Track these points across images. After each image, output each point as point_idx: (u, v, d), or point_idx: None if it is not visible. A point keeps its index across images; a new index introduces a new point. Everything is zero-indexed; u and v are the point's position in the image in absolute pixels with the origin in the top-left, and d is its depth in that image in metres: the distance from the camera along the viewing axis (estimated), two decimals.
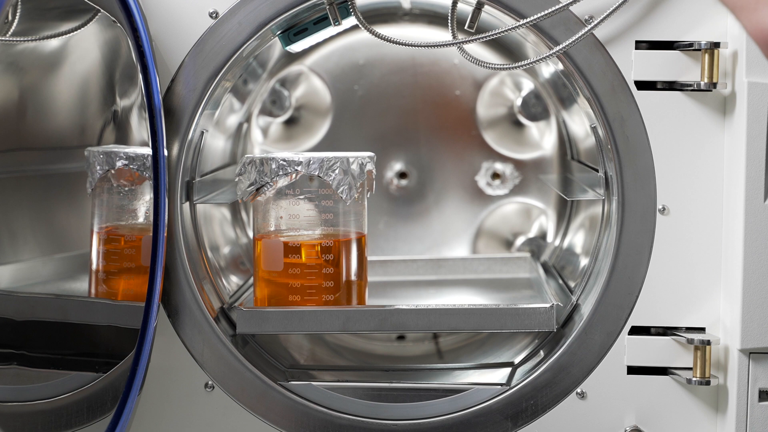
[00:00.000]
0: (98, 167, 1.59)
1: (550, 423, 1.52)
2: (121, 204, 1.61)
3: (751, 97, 1.42)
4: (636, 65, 1.48)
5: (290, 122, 2.05)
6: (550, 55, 1.46)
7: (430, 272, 1.91)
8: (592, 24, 1.44)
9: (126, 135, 1.80)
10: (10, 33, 1.49)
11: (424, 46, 1.51)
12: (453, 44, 1.50)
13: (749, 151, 1.43)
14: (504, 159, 2.04)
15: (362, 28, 1.53)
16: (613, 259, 1.49)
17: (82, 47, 1.59)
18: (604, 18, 1.43)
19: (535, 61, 1.50)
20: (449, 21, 1.50)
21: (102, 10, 1.54)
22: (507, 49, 1.98)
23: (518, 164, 2.04)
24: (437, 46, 1.51)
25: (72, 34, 1.64)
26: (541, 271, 1.87)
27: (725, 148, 1.48)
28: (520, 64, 1.53)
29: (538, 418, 1.52)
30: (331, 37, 1.73)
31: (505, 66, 1.57)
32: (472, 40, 1.49)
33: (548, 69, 1.83)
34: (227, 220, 1.98)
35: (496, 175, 2.04)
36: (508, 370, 1.64)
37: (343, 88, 2.01)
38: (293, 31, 1.59)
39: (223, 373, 1.53)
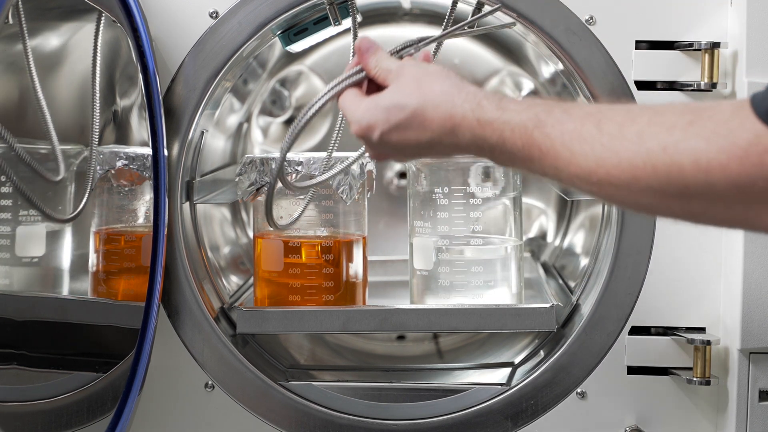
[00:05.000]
0: (98, 167, 1.59)
1: (550, 423, 1.52)
2: (121, 204, 1.61)
3: None
4: (636, 65, 1.48)
5: (290, 122, 2.04)
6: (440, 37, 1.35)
7: None
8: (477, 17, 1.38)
9: (126, 135, 1.80)
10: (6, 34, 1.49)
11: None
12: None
13: None
14: None
15: (363, 28, 1.53)
16: (613, 259, 1.49)
17: (82, 47, 1.59)
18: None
19: None
20: (445, 23, 1.49)
21: (102, 10, 1.54)
22: (507, 48, 1.98)
23: None
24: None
25: (75, 35, 1.64)
26: (541, 271, 1.87)
27: None
28: None
29: (538, 418, 1.52)
30: (331, 37, 1.73)
31: None
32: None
33: (548, 69, 1.83)
34: (227, 220, 1.98)
35: None
36: (509, 370, 1.64)
37: None
38: (293, 31, 1.59)
39: (223, 373, 1.53)
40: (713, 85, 1.45)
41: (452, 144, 1.13)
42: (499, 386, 1.53)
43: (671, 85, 1.48)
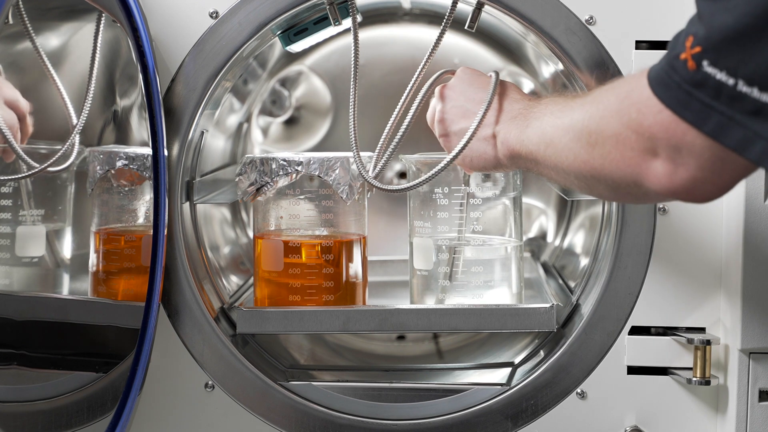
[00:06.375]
0: (98, 167, 1.59)
1: (550, 423, 1.52)
2: (121, 204, 1.61)
3: None
4: (636, 65, 1.48)
5: (290, 122, 2.04)
6: None
7: None
8: None
9: (126, 135, 1.80)
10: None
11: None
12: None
13: None
14: None
15: (363, 28, 1.53)
16: (613, 259, 1.49)
17: (82, 47, 1.59)
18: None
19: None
20: (444, 22, 1.49)
21: (102, 10, 1.54)
22: (507, 48, 1.98)
23: None
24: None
25: (75, 35, 1.64)
26: (541, 271, 1.87)
27: None
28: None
29: (538, 418, 1.52)
30: (331, 37, 1.73)
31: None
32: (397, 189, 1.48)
33: (548, 69, 1.83)
34: (227, 220, 1.98)
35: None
36: (509, 370, 1.64)
37: (343, 88, 2.01)
38: (293, 31, 1.59)
39: (223, 373, 1.53)
40: None
41: (510, 98, 1.39)
42: (499, 386, 1.53)
43: None
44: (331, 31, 1.59)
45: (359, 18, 1.54)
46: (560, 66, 1.55)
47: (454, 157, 1.39)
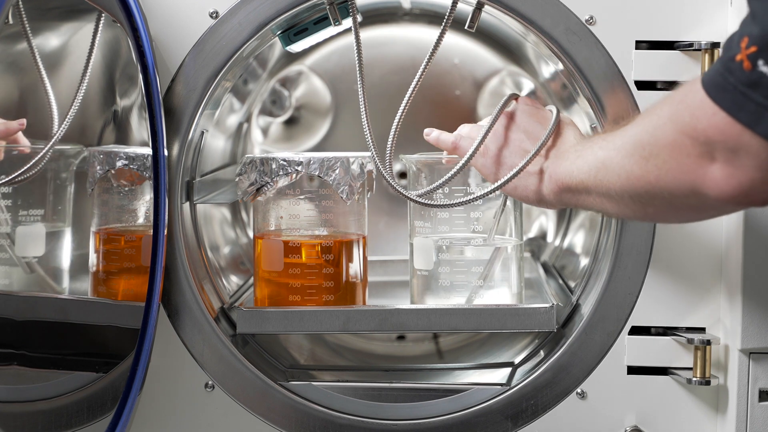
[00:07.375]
0: (98, 167, 1.59)
1: (550, 423, 1.52)
2: (121, 204, 1.61)
3: None
4: (636, 65, 1.48)
5: (290, 122, 2.04)
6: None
7: None
8: None
9: (126, 135, 1.80)
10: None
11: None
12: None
13: None
14: None
15: (363, 28, 1.52)
16: (613, 259, 1.49)
17: (82, 47, 1.59)
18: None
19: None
20: (444, 22, 1.49)
21: (102, 10, 1.54)
22: (507, 48, 1.98)
23: None
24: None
25: (75, 35, 1.64)
26: (541, 271, 1.87)
27: None
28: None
29: (538, 418, 1.52)
30: (331, 37, 1.73)
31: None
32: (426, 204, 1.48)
33: (548, 69, 1.83)
34: (227, 220, 1.98)
35: None
36: (509, 370, 1.64)
37: (343, 88, 2.01)
38: (293, 31, 1.59)
39: (223, 373, 1.53)
40: None
41: (564, 137, 1.40)
42: (499, 386, 1.53)
43: (671, 85, 1.48)
44: (331, 31, 1.59)
45: (359, 18, 1.54)
46: (560, 66, 1.55)
47: (498, 187, 1.40)
